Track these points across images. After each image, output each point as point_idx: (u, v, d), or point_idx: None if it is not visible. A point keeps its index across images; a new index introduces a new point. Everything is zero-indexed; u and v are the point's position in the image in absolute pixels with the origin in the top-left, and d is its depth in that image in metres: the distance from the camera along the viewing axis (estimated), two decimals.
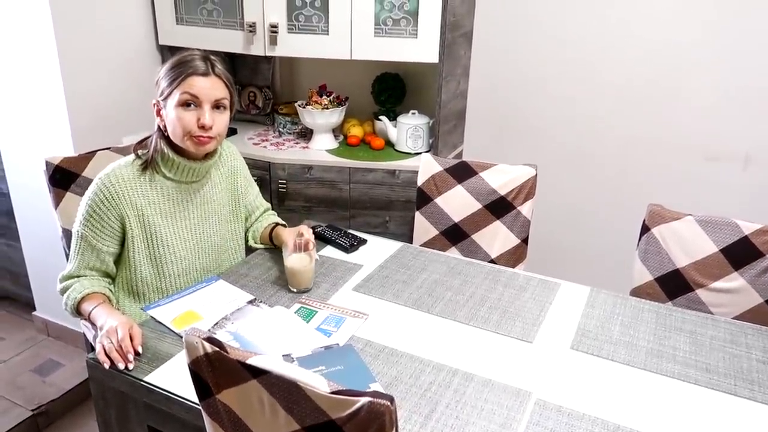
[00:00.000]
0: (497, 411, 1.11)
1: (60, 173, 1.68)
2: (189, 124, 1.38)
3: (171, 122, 1.40)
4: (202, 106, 1.39)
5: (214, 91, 1.40)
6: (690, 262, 1.65)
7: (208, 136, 1.40)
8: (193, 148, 1.42)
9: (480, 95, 2.51)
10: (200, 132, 1.39)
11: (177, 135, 1.40)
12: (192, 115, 1.38)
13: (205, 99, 1.39)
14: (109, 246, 1.43)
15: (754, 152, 2.13)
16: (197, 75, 1.38)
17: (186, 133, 1.39)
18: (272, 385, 0.85)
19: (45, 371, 2.38)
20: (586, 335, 1.36)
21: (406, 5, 2.10)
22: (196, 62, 1.39)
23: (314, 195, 2.31)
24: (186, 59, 1.39)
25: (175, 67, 1.39)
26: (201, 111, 1.39)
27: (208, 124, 1.39)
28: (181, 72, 1.37)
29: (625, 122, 2.30)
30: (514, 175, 1.89)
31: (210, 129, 1.40)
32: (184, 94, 1.37)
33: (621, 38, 2.21)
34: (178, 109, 1.38)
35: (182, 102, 1.37)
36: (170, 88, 1.38)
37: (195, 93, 1.37)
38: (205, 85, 1.38)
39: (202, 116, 1.38)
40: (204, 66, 1.39)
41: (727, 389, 1.19)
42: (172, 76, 1.38)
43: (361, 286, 1.54)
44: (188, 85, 1.37)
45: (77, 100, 2.13)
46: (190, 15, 2.36)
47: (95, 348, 1.23)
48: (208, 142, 1.42)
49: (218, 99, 1.41)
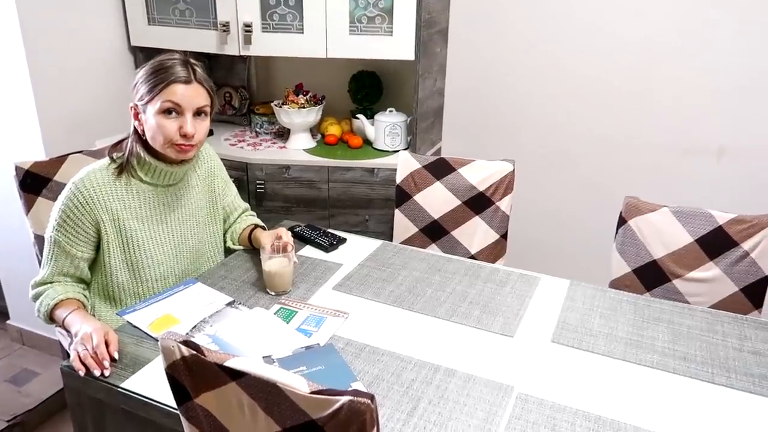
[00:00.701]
0: (479, 406, 1.11)
1: (31, 178, 1.64)
2: (171, 132, 1.36)
3: (151, 129, 1.37)
4: (184, 114, 1.36)
5: (196, 98, 1.38)
6: (666, 252, 1.67)
7: (189, 144, 1.39)
8: (174, 155, 1.40)
9: (457, 92, 2.52)
10: (182, 140, 1.37)
11: (158, 142, 1.38)
12: (174, 123, 1.36)
13: (187, 107, 1.36)
14: (84, 251, 1.40)
15: (727, 144, 2.16)
16: (179, 83, 1.35)
17: (167, 141, 1.37)
18: (251, 386, 0.84)
19: (20, 381, 2.33)
20: (567, 328, 1.37)
21: (381, 3, 2.10)
22: (178, 68, 1.36)
23: (293, 195, 2.30)
24: (167, 65, 1.36)
25: (156, 73, 1.35)
26: (183, 119, 1.36)
27: (191, 132, 1.37)
28: (162, 78, 1.34)
29: (600, 116, 2.32)
30: (493, 170, 1.90)
31: (192, 137, 1.38)
32: (166, 102, 1.34)
33: (596, 35, 2.23)
34: (159, 116, 1.35)
35: (164, 110, 1.35)
36: (151, 94, 1.35)
37: (177, 101, 1.35)
38: (187, 93, 1.36)
39: (184, 124, 1.36)
40: (186, 73, 1.36)
41: (705, 377, 1.21)
42: (153, 82, 1.35)
43: (341, 285, 1.53)
44: (170, 93, 1.34)
45: (47, 103, 2.09)
46: (162, 15, 2.33)
47: (70, 355, 1.21)
48: (190, 149, 1.40)
49: (200, 107, 1.39)
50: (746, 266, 1.59)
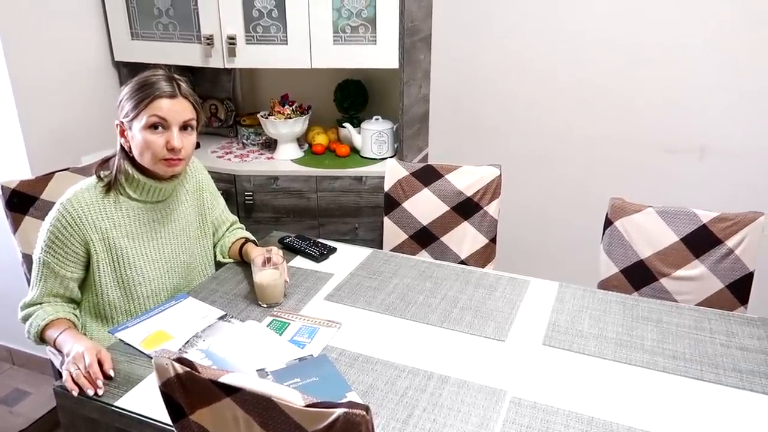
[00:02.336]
0: (473, 412, 1.12)
1: (17, 197, 1.63)
2: (158, 147, 1.36)
3: (138, 145, 1.37)
4: (171, 128, 1.37)
5: (182, 112, 1.38)
6: (653, 252, 1.69)
7: (177, 158, 1.39)
8: (163, 171, 1.40)
9: (442, 98, 2.54)
10: (170, 155, 1.38)
11: (146, 159, 1.38)
12: (160, 138, 1.36)
13: (173, 121, 1.37)
14: (74, 272, 1.40)
15: (709, 143, 2.20)
16: (164, 97, 1.35)
17: (155, 157, 1.37)
18: (246, 402, 0.84)
19: (11, 401, 2.30)
20: (557, 330, 1.38)
21: (364, 12, 2.11)
22: (162, 83, 1.36)
23: (281, 205, 2.30)
24: (151, 80, 1.36)
25: (141, 89, 1.35)
26: (169, 133, 1.37)
27: (178, 146, 1.37)
28: (147, 94, 1.35)
29: (584, 120, 2.35)
30: (480, 175, 1.91)
31: (180, 151, 1.38)
32: (152, 117, 1.34)
33: (578, 37, 2.26)
34: (146, 132, 1.35)
35: (150, 125, 1.35)
36: (136, 110, 1.35)
37: (163, 115, 1.35)
38: (172, 108, 1.36)
39: (171, 139, 1.36)
40: (170, 87, 1.36)
41: (694, 375, 1.23)
42: (137, 98, 1.35)
43: (333, 295, 1.54)
44: (156, 108, 1.35)
45: (32, 120, 2.08)
46: (146, 30, 2.33)
47: (63, 375, 1.20)
48: (178, 164, 1.40)
49: (186, 120, 1.39)
50: (731, 263, 1.62)
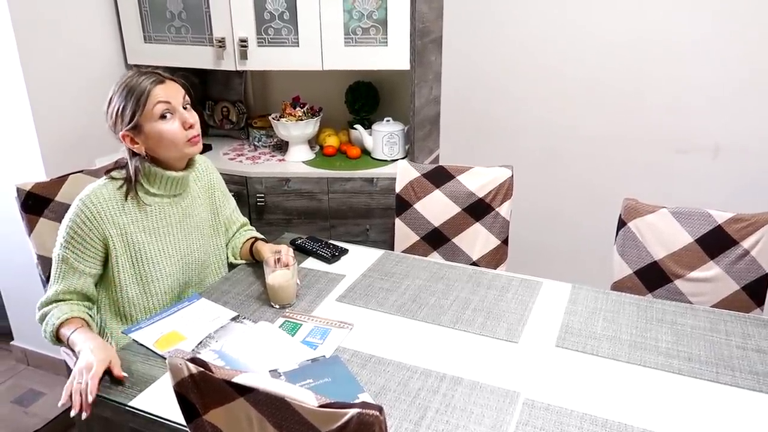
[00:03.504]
0: (486, 413, 1.11)
1: (32, 199, 1.64)
2: (177, 131, 1.40)
3: (158, 139, 1.40)
4: (177, 109, 1.41)
5: (178, 93, 1.43)
6: (667, 253, 1.67)
7: (196, 133, 1.44)
8: (190, 152, 1.45)
9: (453, 99, 2.53)
10: (190, 133, 1.42)
11: (170, 149, 1.42)
12: (175, 122, 1.40)
13: (175, 102, 1.41)
14: (92, 267, 1.41)
15: (723, 142, 2.18)
16: (156, 85, 1.39)
17: (178, 142, 1.41)
18: (259, 402, 0.85)
19: (26, 401, 2.33)
20: (570, 332, 1.37)
21: (375, 14, 2.12)
22: (144, 77, 1.40)
23: (293, 207, 2.31)
24: (134, 81, 1.39)
25: (131, 92, 1.38)
26: (179, 114, 1.41)
27: (191, 120, 1.42)
28: (140, 91, 1.38)
29: (596, 120, 2.33)
30: (491, 176, 1.91)
31: (195, 125, 1.43)
32: (158, 106, 1.38)
33: (589, 37, 2.25)
34: (159, 123, 1.39)
35: (160, 114, 1.38)
36: (139, 110, 1.37)
37: (166, 99, 1.39)
38: (168, 91, 1.41)
39: (184, 119, 1.41)
40: (154, 76, 1.41)
41: (710, 377, 1.22)
42: (134, 100, 1.37)
43: (345, 296, 1.54)
44: (156, 97, 1.38)
45: (46, 124, 2.10)
46: (158, 33, 2.35)
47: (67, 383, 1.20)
48: (198, 139, 1.45)
49: (185, 98, 1.44)
50: (747, 264, 1.60)
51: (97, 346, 1.25)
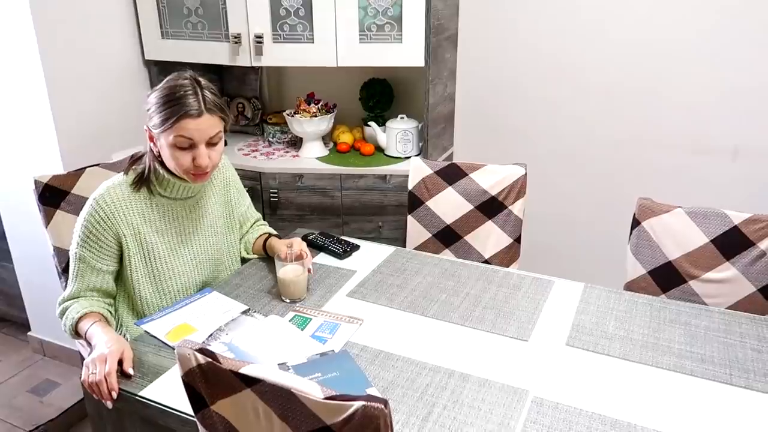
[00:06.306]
0: (494, 410, 1.11)
1: (49, 192, 1.67)
2: (185, 163, 1.37)
3: (166, 158, 1.39)
4: (197, 146, 1.37)
5: (207, 130, 1.36)
6: (682, 254, 1.65)
7: (204, 172, 1.40)
8: (191, 181, 1.43)
9: (467, 97, 2.52)
10: (197, 170, 1.39)
11: (176, 170, 1.40)
12: (187, 156, 1.37)
13: (199, 140, 1.36)
14: (109, 264, 1.43)
15: (742, 143, 2.14)
16: (190, 117, 1.33)
17: (182, 169, 1.39)
18: (266, 393, 0.85)
19: (42, 391, 2.36)
20: (582, 331, 1.36)
21: (390, 11, 2.11)
22: (189, 99, 1.33)
23: (306, 203, 2.31)
24: (178, 94, 1.33)
25: (168, 104, 1.33)
26: (196, 151, 1.37)
27: (204, 164, 1.38)
28: (174, 112, 1.32)
29: (612, 119, 2.31)
30: (504, 175, 1.90)
31: (207, 167, 1.39)
32: (178, 138, 1.34)
33: (606, 37, 2.22)
34: (173, 149, 1.36)
35: (177, 144, 1.35)
36: (163, 126, 1.34)
37: (189, 136, 1.34)
38: (198, 127, 1.35)
39: (197, 157, 1.37)
40: (196, 105, 1.33)
41: (724, 379, 1.20)
42: (164, 115, 1.33)
43: (355, 291, 1.54)
44: (182, 129, 1.33)
45: (65, 117, 2.13)
46: (176, 29, 2.37)
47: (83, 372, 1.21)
48: (205, 176, 1.42)
49: (212, 137, 1.38)
50: (763, 266, 1.57)
51: (111, 339, 1.27)
